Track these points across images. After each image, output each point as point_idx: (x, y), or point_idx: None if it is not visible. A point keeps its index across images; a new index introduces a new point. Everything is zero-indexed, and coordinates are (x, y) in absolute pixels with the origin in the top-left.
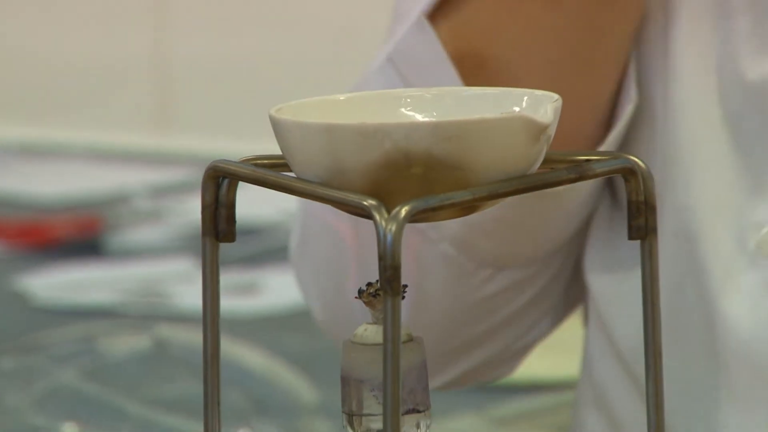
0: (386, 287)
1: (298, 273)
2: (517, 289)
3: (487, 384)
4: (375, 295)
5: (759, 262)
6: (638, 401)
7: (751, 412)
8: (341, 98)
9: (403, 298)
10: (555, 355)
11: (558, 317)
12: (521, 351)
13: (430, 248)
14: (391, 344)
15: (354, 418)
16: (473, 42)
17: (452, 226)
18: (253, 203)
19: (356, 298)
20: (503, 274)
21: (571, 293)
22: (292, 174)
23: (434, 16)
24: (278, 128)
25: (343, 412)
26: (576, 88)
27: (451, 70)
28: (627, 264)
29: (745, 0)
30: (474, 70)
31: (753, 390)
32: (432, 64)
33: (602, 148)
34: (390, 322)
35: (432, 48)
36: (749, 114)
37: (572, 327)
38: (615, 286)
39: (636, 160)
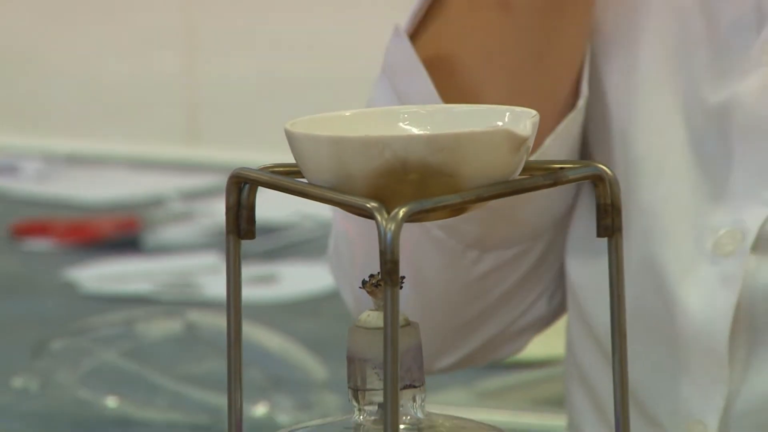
0: (386, 279)
1: (333, 272)
2: (504, 269)
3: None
4: (376, 285)
5: (715, 260)
6: (612, 377)
7: (706, 387)
8: (347, 114)
9: (401, 288)
10: (542, 335)
11: (554, 301)
12: (522, 332)
13: (424, 234)
14: (391, 328)
15: (359, 392)
16: (444, 50)
17: None
18: (271, 205)
19: (360, 288)
20: (489, 255)
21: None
22: (304, 180)
23: (415, 31)
24: (292, 140)
25: (349, 387)
26: (532, 85)
27: (425, 77)
28: (602, 257)
29: (704, 33)
30: (446, 76)
31: (707, 369)
32: (411, 71)
33: (552, 137)
34: (389, 309)
35: (409, 57)
36: (709, 134)
37: None
38: (592, 278)
39: (604, 168)
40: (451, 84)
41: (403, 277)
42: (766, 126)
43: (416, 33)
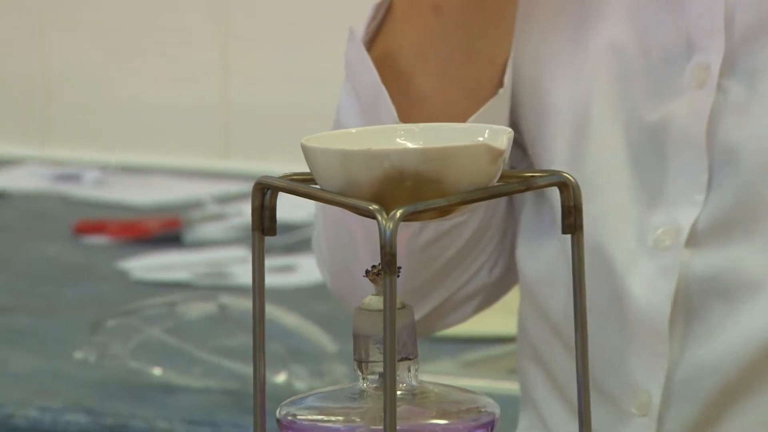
0: (386, 269)
1: (316, 256)
2: (444, 240)
3: (457, 336)
4: (378, 274)
5: (655, 255)
6: (566, 356)
7: (649, 362)
8: (353, 131)
9: (398, 276)
10: (512, 315)
11: (494, 272)
12: (467, 300)
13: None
14: (389, 310)
15: (362, 364)
16: (389, 48)
17: None
18: (289, 207)
19: (363, 276)
20: (429, 226)
21: (506, 256)
22: (317, 186)
23: (371, 39)
24: (307, 153)
25: (354, 359)
26: (460, 75)
27: (372, 70)
28: (551, 256)
29: (641, 64)
30: (390, 69)
31: (650, 346)
32: (361, 66)
33: (473, 118)
34: (388, 294)
35: (360, 54)
36: (647, 149)
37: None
38: (543, 273)
39: (568, 176)
40: (394, 75)
41: (400, 267)
42: (694, 140)
43: (373, 36)
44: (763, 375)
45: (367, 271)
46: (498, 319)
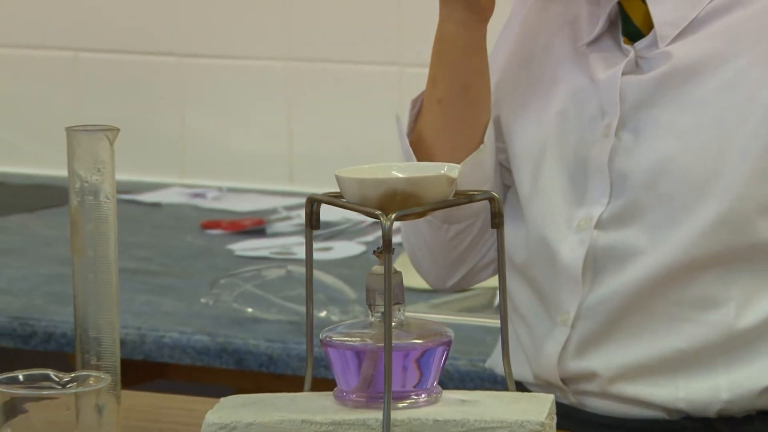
0: (384, 249)
1: (413, 260)
2: (461, 235)
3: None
4: (380, 253)
5: (577, 233)
6: (521, 285)
7: (570, 295)
8: (366, 167)
9: (392, 252)
10: None
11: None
12: (486, 267)
13: (424, 220)
14: (387, 274)
15: (371, 306)
16: (419, 130)
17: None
18: (328, 212)
19: (372, 254)
20: (452, 227)
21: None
22: (344, 199)
23: (413, 121)
24: (339, 180)
25: (366, 303)
26: (456, 139)
27: (407, 144)
28: (511, 235)
29: (575, 121)
30: (420, 142)
31: (571, 286)
32: (404, 141)
33: (462, 165)
34: (387, 265)
35: (402, 134)
36: (577, 174)
37: None
38: (512, 234)
39: (494, 194)
40: (421, 143)
41: (394, 249)
42: (602, 168)
43: (415, 118)
44: (636, 307)
45: (374, 252)
46: None
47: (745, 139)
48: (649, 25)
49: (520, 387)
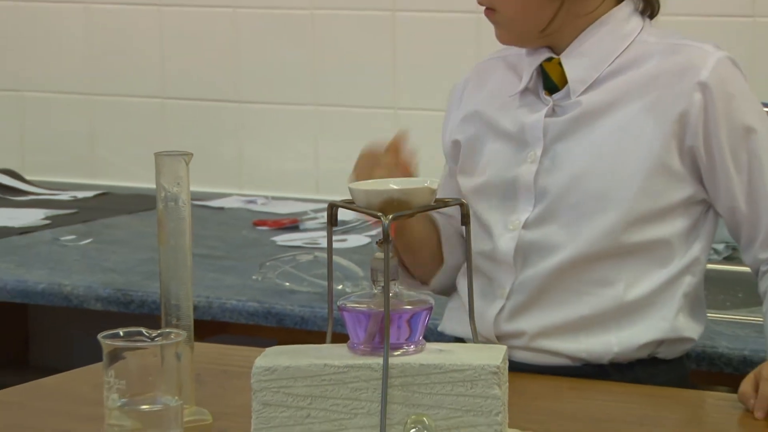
0: (384, 240)
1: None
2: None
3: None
4: (381, 243)
5: (510, 231)
6: (482, 277)
7: (506, 277)
8: (370, 182)
9: (389, 243)
10: None
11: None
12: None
13: (447, 222)
14: (386, 258)
15: (375, 282)
16: (402, 243)
17: (439, 219)
18: (343, 214)
19: (375, 244)
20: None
21: None
22: (355, 204)
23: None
24: (351, 191)
25: (371, 279)
26: (423, 246)
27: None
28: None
29: (512, 153)
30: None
31: (505, 270)
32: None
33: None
34: (386, 252)
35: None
36: (508, 191)
37: None
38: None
39: (463, 201)
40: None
41: (391, 240)
42: (528, 186)
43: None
44: (553, 285)
45: (376, 242)
46: None
47: (633, 166)
48: (564, 82)
49: (462, 342)
